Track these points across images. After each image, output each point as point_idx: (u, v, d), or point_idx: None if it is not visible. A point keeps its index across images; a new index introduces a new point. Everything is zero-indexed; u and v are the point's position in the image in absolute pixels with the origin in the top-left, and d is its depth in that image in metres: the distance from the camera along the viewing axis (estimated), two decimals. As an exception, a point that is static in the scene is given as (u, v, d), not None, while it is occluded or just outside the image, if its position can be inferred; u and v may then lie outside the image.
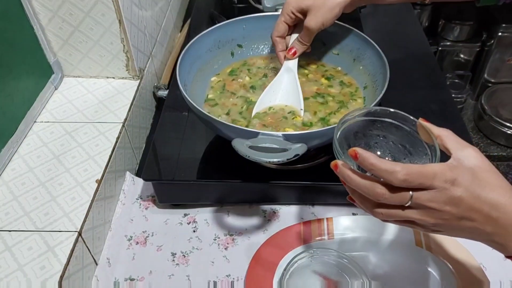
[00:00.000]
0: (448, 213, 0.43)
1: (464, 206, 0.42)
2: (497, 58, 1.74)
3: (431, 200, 0.42)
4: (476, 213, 0.43)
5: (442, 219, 0.43)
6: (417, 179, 0.41)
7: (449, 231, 0.45)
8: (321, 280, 0.60)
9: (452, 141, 0.47)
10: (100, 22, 0.76)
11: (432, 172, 0.42)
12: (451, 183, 0.42)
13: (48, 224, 0.61)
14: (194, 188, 0.71)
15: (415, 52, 1.02)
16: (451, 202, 0.42)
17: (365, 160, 0.43)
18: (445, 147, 0.47)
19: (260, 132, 0.57)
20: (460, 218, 0.43)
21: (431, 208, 0.43)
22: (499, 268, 0.64)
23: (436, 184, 0.42)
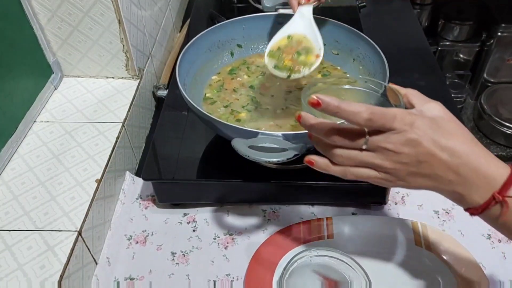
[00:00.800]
0: (406, 155, 0.43)
1: (422, 149, 0.42)
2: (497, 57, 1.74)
3: (388, 141, 0.43)
4: (436, 158, 0.42)
5: (400, 163, 0.43)
6: (379, 119, 0.42)
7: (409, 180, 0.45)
8: (320, 279, 0.60)
9: (417, 97, 0.48)
10: (99, 22, 0.76)
11: (393, 114, 0.42)
12: (410, 125, 0.42)
13: (48, 224, 0.61)
14: (194, 187, 0.71)
15: (414, 52, 1.02)
16: (408, 143, 0.42)
17: (329, 104, 0.43)
18: (410, 103, 0.48)
19: (260, 132, 0.57)
20: (419, 162, 0.43)
21: (388, 149, 0.43)
22: (499, 268, 0.64)
23: (395, 125, 0.42)
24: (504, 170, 0.43)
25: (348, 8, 1.06)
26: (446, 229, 0.69)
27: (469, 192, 0.43)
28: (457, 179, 0.43)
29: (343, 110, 0.42)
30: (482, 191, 0.43)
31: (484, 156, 0.43)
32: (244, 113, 0.70)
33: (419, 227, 0.66)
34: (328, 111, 0.43)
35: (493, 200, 0.43)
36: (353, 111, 0.42)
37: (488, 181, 0.43)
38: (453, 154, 0.42)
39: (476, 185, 0.43)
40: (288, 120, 0.69)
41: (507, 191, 0.42)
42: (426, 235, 0.65)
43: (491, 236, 0.68)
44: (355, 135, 0.44)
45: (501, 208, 0.43)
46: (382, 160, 0.44)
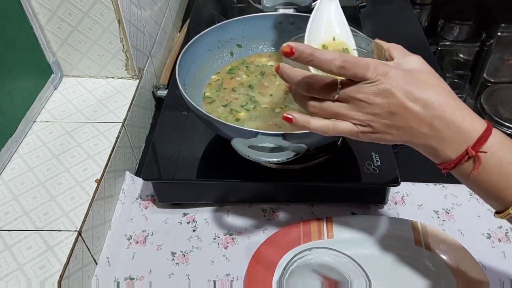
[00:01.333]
0: (378, 106, 0.42)
1: (394, 100, 0.41)
2: (497, 57, 1.74)
3: (359, 91, 0.42)
4: (408, 110, 0.42)
5: (373, 114, 0.43)
6: (352, 67, 0.41)
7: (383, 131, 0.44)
8: (320, 279, 0.60)
9: (398, 51, 0.48)
10: (99, 22, 0.76)
11: (366, 63, 0.41)
12: (383, 75, 0.41)
13: (48, 224, 0.61)
14: (194, 187, 0.71)
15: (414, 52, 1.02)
16: (380, 94, 0.42)
17: (303, 52, 0.42)
18: (391, 56, 0.47)
19: (259, 132, 0.56)
20: (391, 113, 0.42)
21: (360, 100, 0.42)
22: (499, 268, 0.64)
23: (368, 74, 0.41)
24: (479, 125, 0.42)
25: (348, 8, 1.06)
26: (446, 229, 0.69)
27: (443, 146, 0.43)
28: (430, 132, 0.42)
29: (316, 58, 0.42)
30: (455, 146, 0.42)
31: (459, 109, 0.42)
32: (243, 112, 0.70)
33: (419, 227, 0.66)
34: (302, 60, 0.42)
35: (466, 155, 0.42)
36: (326, 58, 0.41)
37: (462, 135, 0.42)
38: (427, 105, 0.41)
39: (450, 139, 0.42)
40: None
41: (481, 146, 0.41)
42: (426, 235, 0.65)
43: (491, 236, 0.68)
44: (328, 86, 0.44)
45: (474, 163, 0.42)
46: (354, 111, 0.44)
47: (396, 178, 0.66)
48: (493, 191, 0.43)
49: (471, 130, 0.42)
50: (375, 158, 0.69)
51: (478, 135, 0.41)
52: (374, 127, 0.44)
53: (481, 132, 0.41)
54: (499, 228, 0.69)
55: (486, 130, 0.42)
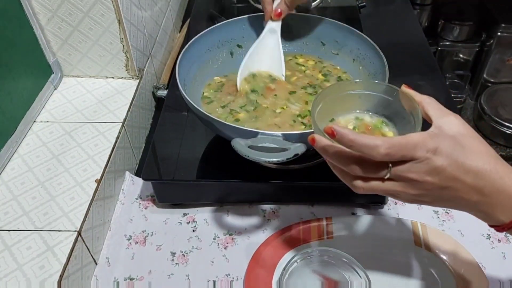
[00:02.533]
0: (430, 183, 0.41)
1: (446, 175, 0.41)
2: (497, 58, 1.74)
3: (411, 171, 0.41)
4: (460, 182, 0.41)
5: (424, 190, 0.42)
6: (399, 151, 0.40)
7: (433, 201, 0.44)
8: (320, 279, 0.60)
9: (434, 108, 0.46)
10: (100, 22, 0.76)
11: (413, 143, 0.40)
12: (433, 152, 0.40)
13: (48, 224, 0.61)
14: (194, 187, 0.71)
15: (414, 52, 1.02)
16: (432, 172, 0.41)
17: (344, 136, 0.40)
18: (427, 114, 0.46)
19: (259, 132, 0.56)
20: (443, 188, 0.42)
21: (412, 179, 0.41)
22: (499, 268, 0.64)
23: (418, 154, 0.40)
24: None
25: (348, 8, 1.06)
26: (446, 229, 0.69)
27: (494, 211, 0.43)
28: (481, 199, 0.42)
29: (357, 144, 0.40)
30: (507, 211, 0.42)
31: (508, 175, 0.42)
32: (243, 113, 0.70)
33: (419, 227, 0.66)
34: (342, 143, 0.41)
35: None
36: (369, 145, 0.40)
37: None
38: (477, 175, 0.41)
39: (501, 205, 0.42)
40: (288, 120, 0.69)
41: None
42: (426, 235, 0.65)
43: (491, 236, 0.68)
44: (376, 166, 0.42)
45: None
46: (405, 188, 0.43)
47: (396, 178, 0.66)
48: None
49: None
50: (375, 158, 0.69)
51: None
52: (422, 200, 0.44)
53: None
54: (499, 228, 0.68)
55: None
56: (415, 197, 0.43)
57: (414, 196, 0.43)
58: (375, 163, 0.42)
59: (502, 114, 1.68)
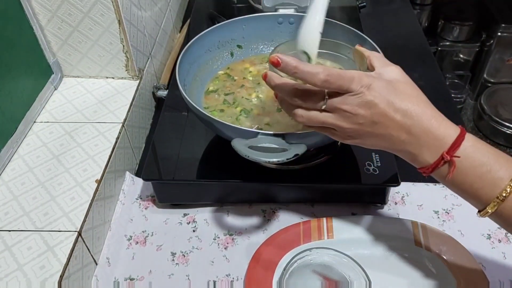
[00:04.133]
0: (361, 116, 0.45)
1: (377, 110, 0.44)
2: (497, 58, 1.74)
3: (345, 103, 0.45)
4: (389, 119, 0.45)
5: (357, 124, 0.46)
6: (336, 80, 0.44)
7: (365, 138, 0.47)
8: (320, 280, 0.60)
9: (378, 60, 0.50)
10: (99, 22, 0.76)
11: (350, 76, 0.44)
12: (367, 87, 0.44)
13: (48, 224, 0.61)
14: (194, 188, 0.71)
15: (414, 52, 1.02)
16: (364, 105, 0.44)
17: (288, 64, 0.45)
18: (372, 65, 0.50)
19: (259, 132, 0.56)
20: (374, 122, 0.45)
21: (345, 111, 0.45)
22: (499, 268, 0.64)
23: (353, 87, 0.44)
24: (453, 131, 0.45)
25: (348, 8, 1.06)
26: (446, 229, 0.69)
27: (421, 152, 0.46)
28: (409, 139, 0.45)
29: (300, 71, 0.44)
30: (432, 151, 0.45)
31: (435, 117, 0.45)
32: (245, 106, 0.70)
33: (419, 227, 0.66)
34: (287, 71, 0.45)
35: (442, 159, 0.45)
36: (310, 71, 0.44)
37: (438, 141, 0.45)
38: (406, 115, 0.44)
39: (427, 145, 0.45)
40: (288, 119, 0.69)
41: (455, 151, 0.44)
42: (426, 235, 0.65)
43: (491, 236, 0.68)
44: (315, 96, 0.46)
45: (449, 167, 0.45)
46: (339, 121, 0.46)
47: (396, 178, 0.66)
48: (470, 191, 0.46)
49: (446, 136, 0.45)
50: (375, 158, 0.69)
51: (452, 141, 0.45)
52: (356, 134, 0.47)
53: (454, 137, 0.45)
54: (499, 228, 0.68)
55: (459, 135, 0.45)
56: (350, 132, 0.47)
57: (348, 130, 0.47)
58: (314, 94, 0.46)
59: (502, 114, 1.68)
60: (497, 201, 0.44)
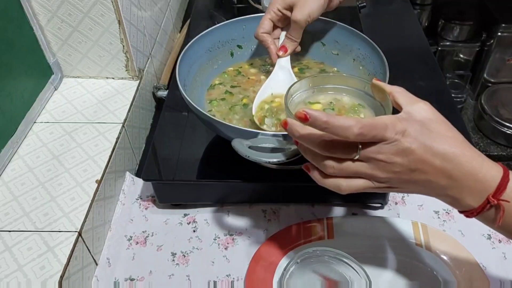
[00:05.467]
0: (398, 165, 0.42)
1: (414, 157, 0.42)
2: (497, 58, 1.74)
3: (380, 152, 0.42)
4: (428, 164, 0.42)
5: (393, 172, 0.43)
6: (370, 131, 0.41)
7: (403, 186, 0.44)
8: (321, 280, 0.60)
9: (403, 96, 0.47)
10: (99, 23, 0.76)
11: (384, 124, 0.41)
12: (401, 134, 0.41)
13: (48, 224, 0.61)
14: (194, 188, 0.71)
15: (415, 52, 1.02)
16: (401, 153, 0.42)
17: (317, 119, 0.41)
18: (397, 103, 0.47)
19: (260, 132, 0.56)
20: (411, 170, 0.42)
21: (380, 160, 0.42)
22: (499, 268, 0.64)
23: (387, 135, 0.41)
24: (496, 172, 0.42)
25: (348, 8, 1.06)
26: (447, 229, 0.69)
27: (463, 196, 0.43)
28: (450, 183, 0.43)
29: (331, 126, 0.41)
30: (476, 195, 0.43)
31: (475, 158, 0.42)
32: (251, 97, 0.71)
33: (419, 227, 0.66)
34: (316, 126, 0.42)
35: (488, 203, 0.42)
36: (342, 126, 0.41)
37: (481, 184, 0.42)
38: (445, 159, 0.42)
39: (470, 189, 0.42)
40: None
41: (501, 194, 0.42)
42: (427, 236, 0.65)
43: (492, 237, 0.68)
44: (346, 146, 0.43)
45: (497, 211, 0.42)
46: (374, 171, 0.43)
47: (397, 178, 0.66)
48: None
49: (489, 179, 0.42)
50: (376, 158, 0.69)
51: (497, 183, 0.42)
52: (393, 183, 0.44)
53: (499, 179, 0.42)
54: (499, 228, 0.68)
55: (503, 177, 0.42)
56: (386, 181, 0.44)
57: (384, 179, 0.44)
58: (345, 145, 0.43)
59: (502, 114, 1.68)
60: None
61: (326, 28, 0.78)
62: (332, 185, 0.46)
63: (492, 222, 0.44)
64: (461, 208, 0.45)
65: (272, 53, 0.72)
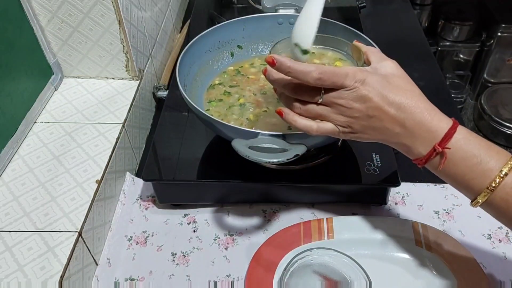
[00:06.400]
0: (356, 110, 0.47)
1: (371, 104, 0.46)
2: (497, 58, 1.74)
3: (341, 97, 0.47)
4: (384, 112, 0.46)
5: (353, 117, 0.47)
6: (330, 78, 0.45)
7: (363, 131, 0.49)
8: (321, 280, 0.60)
9: (375, 55, 0.52)
10: (100, 23, 0.76)
11: (344, 72, 0.46)
12: (361, 82, 0.46)
13: (48, 225, 0.61)
14: (194, 188, 0.71)
15: (414, 52, 1.02)
16: (359, 99, 0.46)
17: (282, 64, 0.46)
18: (368, 60, 0.51)
19: (260, 133, 0.56)
20: (369, 116, 0.47)
21: (340, 105, 0.47)
22: (499, 268, 0.64)
23: (347, 83, 0.46)
24: (445, 124, 0.46)
25: (348, 8, 1.06)
26: (447, 229, 0.69)
27: (414, 144, 0.47)
28: (403, 131, 0.47)
29: (294, 70, 0.46)
30: (425, 143, 0.47)
31: (428, 110, 0.46)
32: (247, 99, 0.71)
33: (420, 227, 0.66)
34: (281, 70, 0.47)
35: (434, 151, 0.46)
36: (303, 70, 0.46)
37: (431, 134, 0.46)
38: (399, 108, 0.46)
39: (421, 138, 0.46)
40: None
41: (446, 143, 0.46)
42: (427, 236, 0.65)
43: (492, 236, 0.68)
44: (312, 90, 0.48)
45: (441, 158, 0.46)
46: (336, 114, 0.48)
47: (397, 178, 0.66)
48: (462, 182, 0.48)
49: (438, 129, 0.46)
50: (376, 158, 0.69)
51: (444, 133, 0.46)
52: (353, 128, 0.49)
53: (446, 130, 0.46)
54: (499, 228, 0.68)
55: (451, 128, 0.46)
56: (346, 126, 0.49)
57: (344, 123, 0.48)
58: (310, 90, 0.48)
59: (502, 114, 1.68)
60: (487, 191, 0.46)
61: (326, 28, 0.78)
62: (303, 125, 0.50)
63: (436, 169, 0.48)
64: (413, 156, 0.49)
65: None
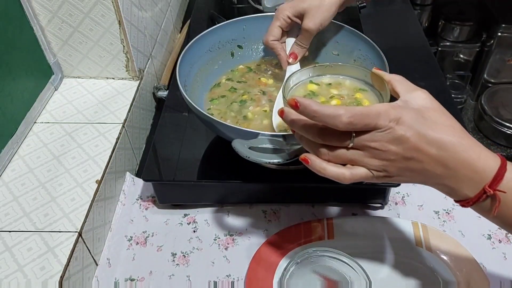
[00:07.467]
0: (392, 153, 0.41)
1: (409, 145, 0.41)
2: (497, 58, 1.74)
3: (374, 140, 0.41)
4: (423, 153, 0.41)
5: (388, 160, 0.42)
6: (361, 120, 0.40)
7: (400, 175, 0.44)
8: (321, 280, 0.60)
9: (402, 85, 0.46)
10: (100, 23, 0.76)
11: (376, 112, 0.40)
12: (395, 122, 0.41)
13: (48, 225, 0.61)
14: (194, 188, 0.71)
15: (415, 53, 1.02)
16: (395, 141, 0.41)
17: (307, 107, 0.41)
18: (395, 91, 0.46)
19: (260, 133, 0.56)
20: (407, 158, 0.42)
21: (374, 148, 0.42)
22: (499, 268, 0.64)
23: (380, 123, 0.40)
24: (493, 162, 0.42)
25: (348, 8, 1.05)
26: (447, 229, 0.69)
27: (459, 185, 0.42)
28: (446, 172, 0.42)
29: (320, 114, 0.41)
30: (472, 184, 0.42)
31: (473, 148, 0.42)
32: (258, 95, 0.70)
33: (420, 227, 0.66)
34: (306, 114, 0.42)
35: (484, 193, 0.41)
36: (331, 114, 0.40)
37: (478, 174, 0.41)
38: (441, 147, 0.41)
39: (466, 178, 0.42)
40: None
41: (498, 185, 0.41)
42: (427, 236, 0.65)
43: (492, 237, 0.68)
44: (340, 134, 0.42)
45: (492, 201, 0.42)
46: (369, 158, 0.43)
47: (397, 178, 0.66)
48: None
49: (486, 169, 0.41)
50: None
51: (494, 173, 0.41)
52: (389, 172, 0.43)
53: (496, 169, 0.41)
54: (499, 229, 0.68)
55: (500, 167, 0.41)
56: (381, 170, 0.43)
57: (379, 167, 0.43)
58: (339, 133, 0.42)
59: (503, 114, 1.68)
60: None
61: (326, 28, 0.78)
62: (334, 173, 0.44)
63: (487, 212, 0.43)
64: (457, 197, 0.44)
65: (282, 60, 0.72)
